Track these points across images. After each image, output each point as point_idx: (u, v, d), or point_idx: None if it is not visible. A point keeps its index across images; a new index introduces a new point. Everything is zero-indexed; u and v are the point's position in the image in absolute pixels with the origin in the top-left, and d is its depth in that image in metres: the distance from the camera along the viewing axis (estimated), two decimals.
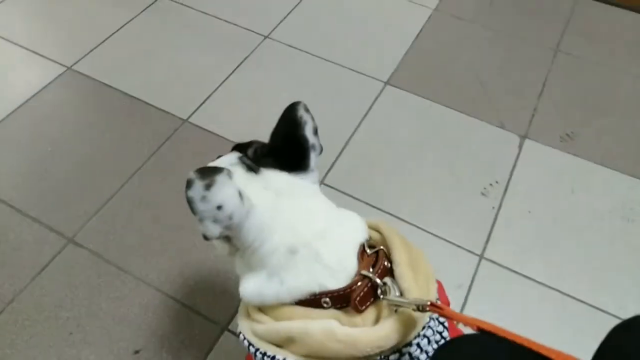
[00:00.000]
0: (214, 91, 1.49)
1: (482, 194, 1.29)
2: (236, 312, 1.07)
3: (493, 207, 1.27)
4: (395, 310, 0.55)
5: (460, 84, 1.55)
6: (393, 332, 0.53)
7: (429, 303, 0.50)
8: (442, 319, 0.60)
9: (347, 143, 1.39)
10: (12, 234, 1.18)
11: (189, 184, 0.54)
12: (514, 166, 1.35)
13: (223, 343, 1.03)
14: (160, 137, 1.38)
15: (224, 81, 1.51)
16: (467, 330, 0.58)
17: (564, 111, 1.48)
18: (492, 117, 1.46)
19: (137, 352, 1.02)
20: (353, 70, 1.57)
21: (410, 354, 0.55)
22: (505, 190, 1.30)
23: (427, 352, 0.56)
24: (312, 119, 0.66)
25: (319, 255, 0.58)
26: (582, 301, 1.11)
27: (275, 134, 0.67)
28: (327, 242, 0.59)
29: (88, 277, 1.11)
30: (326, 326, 0.54)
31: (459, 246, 1.19)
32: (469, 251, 1.19)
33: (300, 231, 0.60)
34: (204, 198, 0.54)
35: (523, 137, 1.42)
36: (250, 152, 0.68)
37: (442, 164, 1.35)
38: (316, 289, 0.57)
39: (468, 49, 1.66)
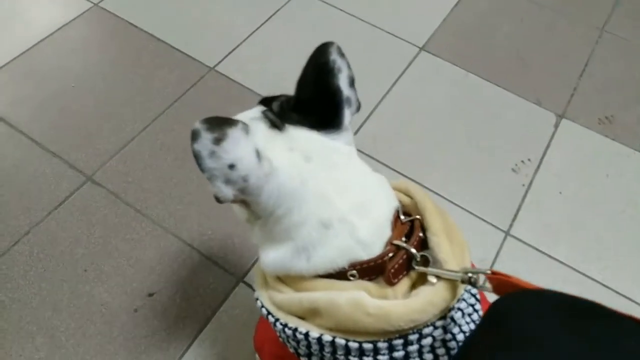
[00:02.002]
0: (243, 41, 1.43)
1: (513, 170, 1.25)
2: (253, 265, 1.05)
3: (523, 185, 1.22)
4: (436, 280, 0.51)
5: (498, 56, 1.48)
6: (429, 306, 0.48)
7: (489, 271, 0.46)
8: (474, 291, 0.55)
9: (376, 106, 1.34)
10: (30, 167, 1.15)
11: (195, 136, 0.46)
12: (548, 145, 1.30)
13: (238, 294, 1.01)
14: (185, 83, 1.33)
15: (253, 32, 1.46)
16: None
17: (605, 93, 1.42)
18: (529, 93, 1.40)
19: (150, 294, 1.00)
20: (388, 32, 1.51)
21: (444, 328, 0.50)
22: (537, 168, 1.25)
23: (460, 326, 0.51)
24: (348, 66, 0.56)
25: (355, 230, 0.52)
26: (607, 286, 1.08)
27: (302, 82, 0.57)
28: (365, 215, 0.53)
29: (105, 217, 1.09)
30: (355, 298, 0.49)
31: (484, 220, 1.16)
32: (495, 226, 1.15)
33: (335, 204, 0.53)
34: (213, 154, 0.47)
35: (560, 116, 1.36)
36: (275, 105, 0.58)
37: (474, 136, 1.30)
38: (344, 265, 0.52)
39: (509, 20, 1.58)
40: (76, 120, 1.24)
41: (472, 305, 0.54)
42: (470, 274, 0.49)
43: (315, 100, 0.56)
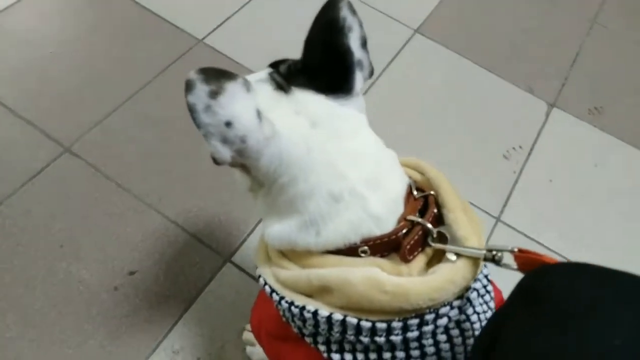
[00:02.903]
0: (235, 13, 1.37)
1: (504, 156, 1.24)
2: (241, 244, 1.01)
3: (514, 172, 1.22)
4: (456, 258, 0.49)
5: (492, 42, 1.47)
6: (449, 284, 0.46)
7: (516, 249, 0.44)
8: (485, 272, 0.54)
9: (369, 88, 1.31)
10: (2, 135, 1.08)
11: (189, 87, 0.43)
12: (539, 133, 1.30)
13: (225, 274, 0.97)
14: (172, 55, 1.27)
15: (245, 4, 1.40)
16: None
17: (595, 84, 1.42)
18: (521, 81, 1.39)
19: (132, 273, 0.95)
20: (383, 13, 1.47)
21: (459, 308, 0.48)
22: (528, 156, 1.25)
23: (474, 307, 0.50)
24: (360, 24, 0.52)
25: (367, 203, 0.49)
26: None
27: (309, 42, 0.53)
28: (377, 189, 0.50)
29: (84, 190, 1.03)
30: (370, 275, 0.46)
31: (476, 206, 1.14)
32: (486, 212, 1.14)
33: (346, 175, 0.49)
34: (208, 108, 0.44)
35: (551, 105, 1.36)
36: (282, 68, 0.55)
37: (466, 121, 1.29)
38: (357, 240, 0.49)
39: (504, 7, 1.57)
40: (54, 88, 1.17)
41: (485, 287, 0.53)
42: (494, 252, 0.46)
43: (324, 62, 0.52)
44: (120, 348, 0.87)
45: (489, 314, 0.52)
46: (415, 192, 0.54)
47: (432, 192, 0.53)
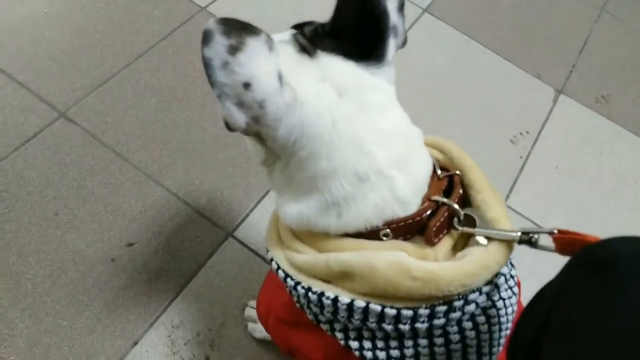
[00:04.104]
0: None
1: (511, 141, 1.22)
2: (243, 220, 0.98)
3: (521, 157, 1.20)
4: (487, 242, 0.46)
5: (501, 25, 1.44)
6: (482, 269, 0.43)
7: (556, 230, 0.42)
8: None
9: None
10: None
11: (206, 38, 0.38)
12: (547, 119, 1.28)
13: (227, 249, 0.94)
14: (173, 22, 1.22)
15: None
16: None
17: (602, 73, 1.41)
18: (529, 66, 1.37)
19: (130, 245, 0.91)
20: None
21: (487, 294, 0.46)
22: (535, 141, 1.23)
23: (499, 293, 0.47)
24: None
25: (394, 185, 0.46)
26: None
27: (342, 2, 0.48)
28: (405, 169, 0.47)
29: (80, 157, 0.98)
30: (396, 260, 0.43)
31: None
32: None
33: (373, 153, 0.46)
34: (225, 65, 0.38)
35: (558, 92, 1.34)
36: (307, 29, 0.50)
37: (473, 104, 1.26)
38: (379, 223, 0.46)
39: None
40: (48, 50, 1.11)
41: (510, 271, 0.50)
42: (531, 234, 0.44)
43: (356, 24, 0.47)
44: (117, 321, 0.84)
45: (513, 300, 0.49)
46: (439, 172, 0.51)
47: (457, 172, 0.50)
